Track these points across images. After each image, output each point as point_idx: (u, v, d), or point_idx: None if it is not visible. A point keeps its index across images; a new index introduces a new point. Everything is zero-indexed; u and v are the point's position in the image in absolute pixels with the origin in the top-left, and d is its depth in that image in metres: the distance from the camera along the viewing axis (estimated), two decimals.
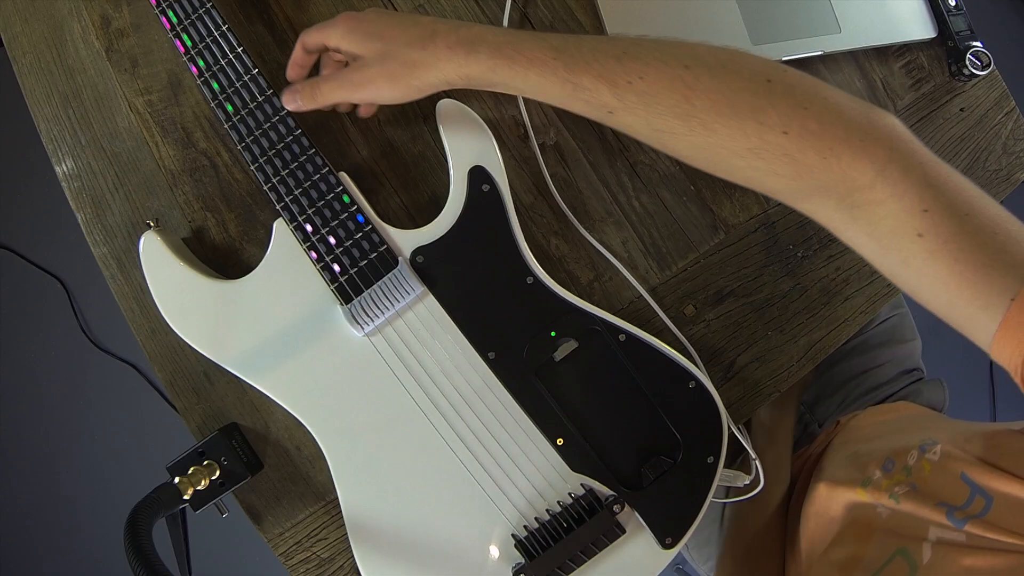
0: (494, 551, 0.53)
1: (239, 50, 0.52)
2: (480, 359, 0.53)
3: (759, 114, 0.39)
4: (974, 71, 0.64)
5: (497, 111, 0.60)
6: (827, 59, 0.64)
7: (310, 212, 0.52)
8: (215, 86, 0.52)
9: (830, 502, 0.57)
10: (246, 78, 0.52)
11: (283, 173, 0.52)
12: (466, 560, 0.53)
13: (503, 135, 0.60)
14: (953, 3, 0.65)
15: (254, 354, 0.53)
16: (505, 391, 0.53)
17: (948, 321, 0.39)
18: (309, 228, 0.52)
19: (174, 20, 0.52)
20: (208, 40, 0.52)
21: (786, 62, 0.61)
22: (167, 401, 1.51)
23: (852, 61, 0.65)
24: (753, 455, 0.59)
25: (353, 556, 0.53)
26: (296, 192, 0.52)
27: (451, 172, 0.53)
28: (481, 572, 0.53)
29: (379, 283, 0.52)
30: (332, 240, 0.52)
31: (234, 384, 0.58)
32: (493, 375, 0.53)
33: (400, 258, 0.52)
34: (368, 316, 0.51)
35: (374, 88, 0.48)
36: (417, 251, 0.53)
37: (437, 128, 0.54)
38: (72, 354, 1.54)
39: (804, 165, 0.38)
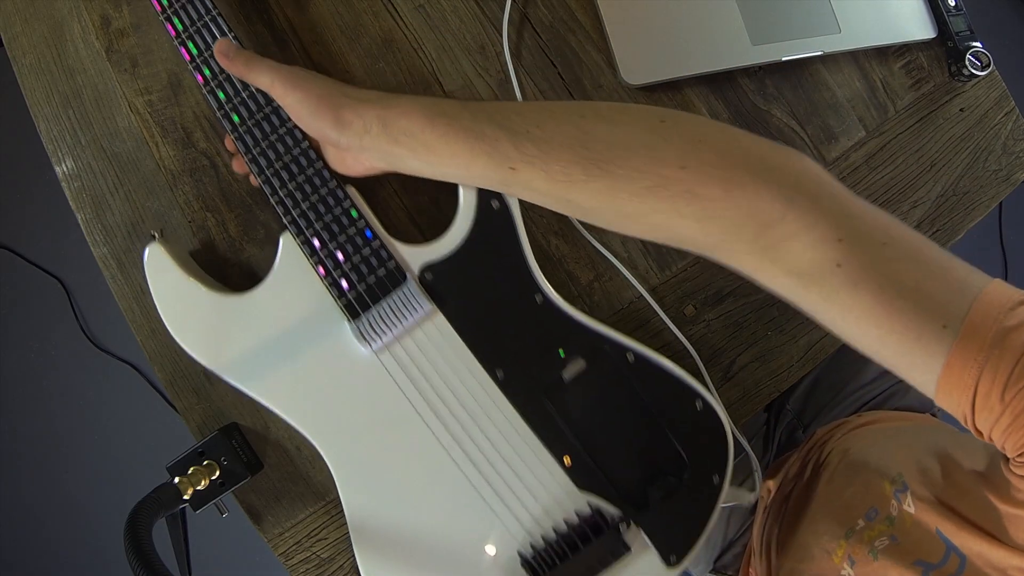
0: (500, 570, 0.52)
1: None
2: (489, 378, 0.52)
3: (654, 151, 0.38)
4: (974, 71, 0.64)
5: None
6: (827, 59, 0.64)
7: (317, 227, 0.51)
8: (221, 95, 0.51)
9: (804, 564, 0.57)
10: (253, 87, 0.51)
11: (290, 186, 0.51)
12: None
13: None
14: (953, 3, 0.65)
15: (261, 370, 0.52)
16: (513, 410, 0.52)
17: (884, 362, 0.37)
18: (316, 243, 0.51)
19: (179, 27, 0.51)
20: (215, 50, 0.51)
21: (786, 62, 0.62)
22: (167, 401, 1.51)
23: (852, 61, 0.65)
24: (758, 469, 0.59)
25: (354, 556, 0.53)
26: (303, 206, 0.51)
27: (460, 187, 0.52)
28: None
29: (387, 299, 0.51)
30: (340, 255, 0.51)
31: None
32: (501, 394, 0.52)
33: (408, 274, 0.52)
34: (376, 333, 0.51)
35: (304, 88, 0.46)
36: (426, 267, 0.52)
37: None
38: (72, 354, 1.54)
39: (708, 199, 0.36)
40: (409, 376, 0.52)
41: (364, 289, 0.51)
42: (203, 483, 0.52)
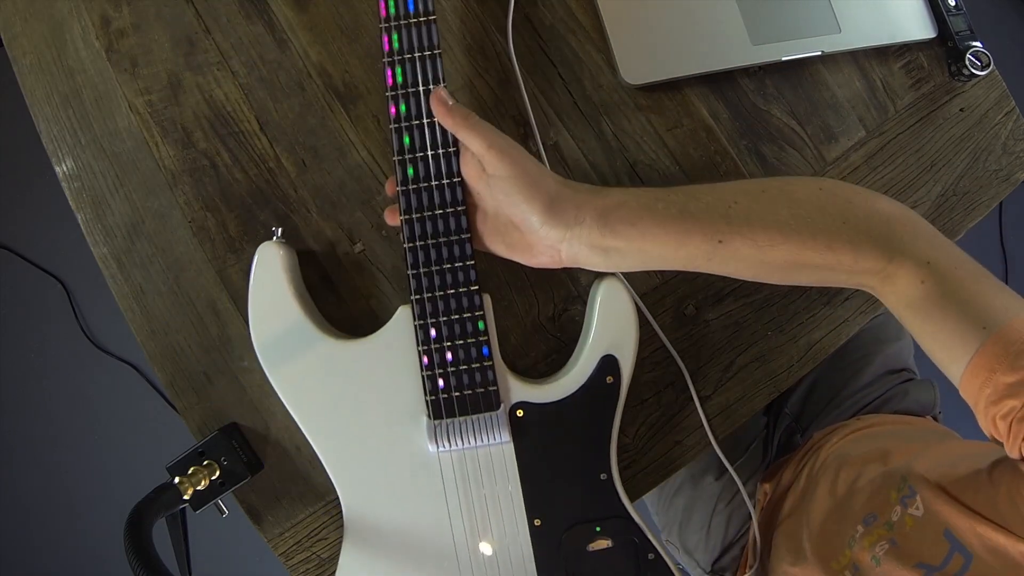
0: None
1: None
2: (526, 519, 0.53)
3: (824, 212, 0.47)
4: (974, 71, 0.64)
5: (496, 111, 0.60)
6: (827, 59, 0.64)
7: (442, 320, 0.50)
8: (407, 141, 0.49)
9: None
10: (442, 150, 0.49)
11: (434, 268, 0.50)
12: None
13: None
14: (953, 3, 0.65)
15: (321, 413, 0.53)
16: (532, 556, 0.53)
17: (931, 354, 0.45)
18: (433, 333, 0.50)
19: (395, 46, 0.48)
20: (422, 88, 0.48)
21: (786, 62, 0.62)
22: (167, 401, 1.51)
23: (852, 61, 0.65)
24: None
25: None
26: (438, 294, 0.50)
27: (585, 347, 0.53)
28: None
29: (472, 417, 0.51)
30: (449, 356, 0.51)
31: (234, 384, 0.58)
32: (529, 538, 0.53)
33: (502, 404, 0.52)
34: (447, 439, 0.51)
35: (520, 166, 0.46)
36: (521, 405, 0.53)
37: (591, 295, 0.54)
38: (72, 354, 1.54)
39: (860, 248, 0.46)
40: (458, 484, 0.53)
41: (456, 398, 0.51)
42: (203, 483, 0.53)
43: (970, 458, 0.47)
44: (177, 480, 0.50)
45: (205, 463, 0.53)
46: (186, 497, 0.51)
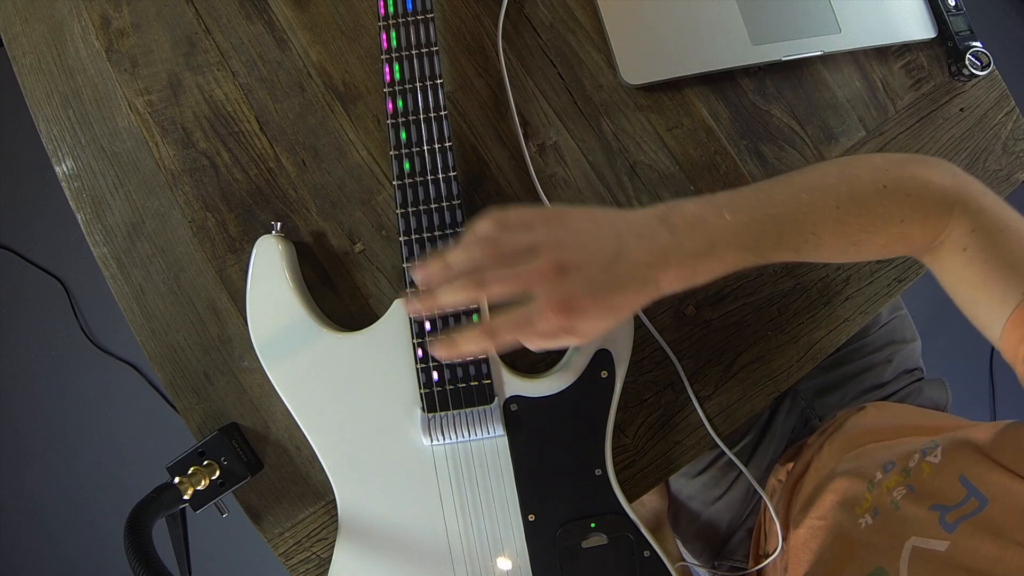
0: None
1: (443, 113, 0.50)
2: (520, 515, 0.53)
3: (886, 220, 0.47)
4: (974, 71, 0.64)
5: (496, 111, 0.60)
6: (827, 59, 0.64)
7: (436, 312, 0.51)
8: (403, 135, 0.50)
9: (825, 519, 0.58)
10: (437, 145, 0.50)
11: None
12: None
13: (503, 136, 0.60)
14: (953, 3, 0.65)
15: (320, 407, 0.53)
16: (527, 552, 0.53)
17: (972, 317, 0.46)
18: (428, 326, 0.51)
19: (393, 44, 0.50)
20: (419, 84, 0.50)
21: (786, 62, 0.62)
22: (167, 401, 1.51)
23: (852, 61, 0.65)
24: None
25: None
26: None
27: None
28: None
29: (467, 410, 0.52)
30: None
31: (234, 384, 0.58)
32: (524, 534, 0.53)
33: (497, 397, 0.52)
34: (442, 433, 0.51)
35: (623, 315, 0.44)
36: (515, 399, 0.53)
37: None
38: (72, 354, 1.54)
39: (911, 238, 0.47)
40: (452, 478, 0.53)
41: (451, 391, 0.51)
42: (203, 483, 0.53)
43: (991, 426, 0.48)
44: (177, 480, 0.50)
45: (205, 463, 0.53)
46: (186, 497, 0.51)
